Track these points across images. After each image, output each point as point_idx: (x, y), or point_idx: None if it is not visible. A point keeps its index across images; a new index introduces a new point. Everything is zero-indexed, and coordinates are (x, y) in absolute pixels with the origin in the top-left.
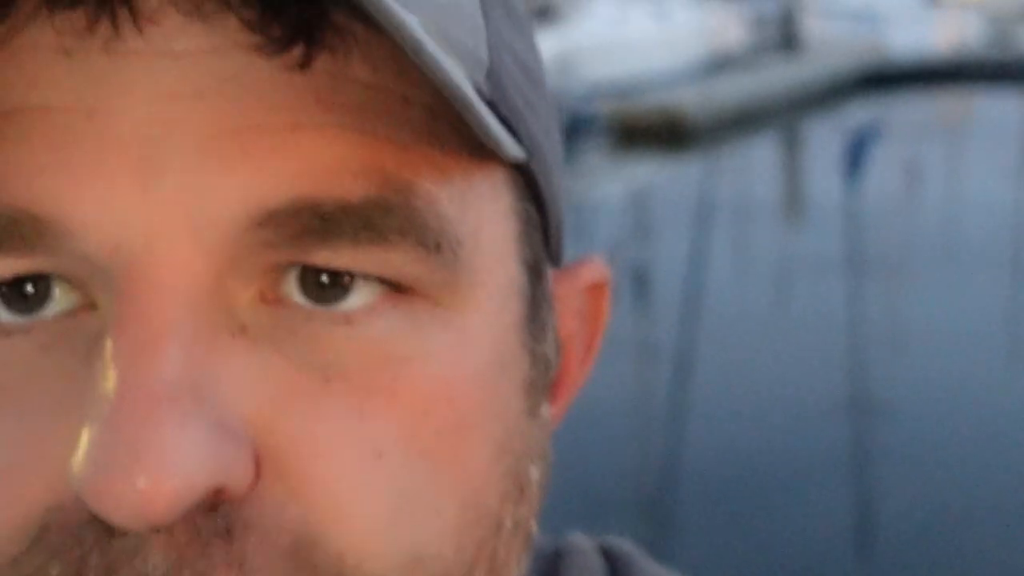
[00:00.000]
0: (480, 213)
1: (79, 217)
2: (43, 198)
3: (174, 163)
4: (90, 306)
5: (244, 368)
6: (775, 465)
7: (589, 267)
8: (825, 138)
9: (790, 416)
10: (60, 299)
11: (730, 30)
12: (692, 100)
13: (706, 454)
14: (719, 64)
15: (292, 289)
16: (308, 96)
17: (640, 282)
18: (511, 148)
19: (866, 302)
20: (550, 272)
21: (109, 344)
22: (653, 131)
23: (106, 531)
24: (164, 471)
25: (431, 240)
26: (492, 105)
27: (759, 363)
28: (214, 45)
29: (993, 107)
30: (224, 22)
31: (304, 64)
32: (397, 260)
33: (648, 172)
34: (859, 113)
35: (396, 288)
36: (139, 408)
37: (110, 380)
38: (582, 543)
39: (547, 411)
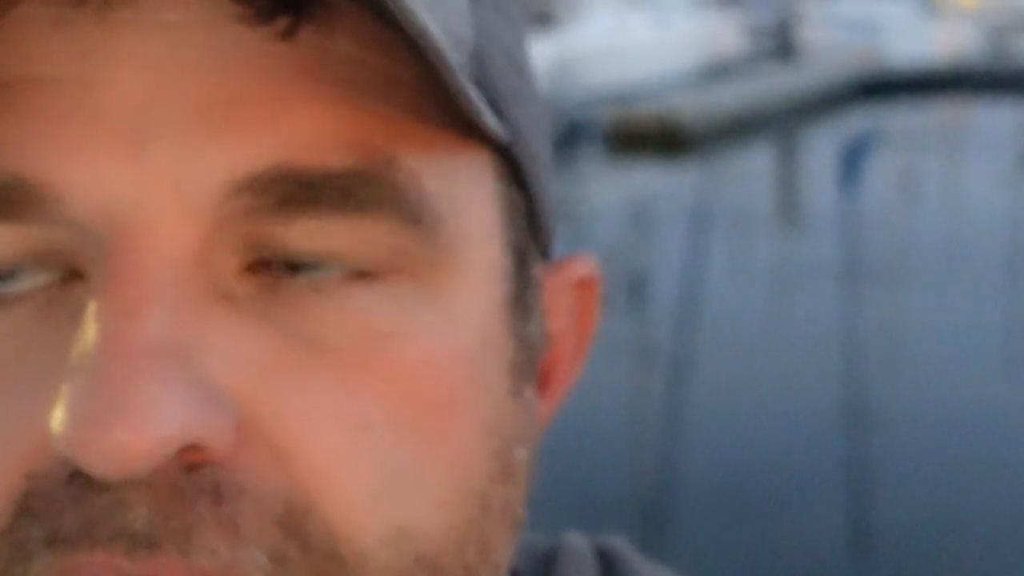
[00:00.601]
0: (464, 193)
1: (69, 183)
2: (35, 165)
3: (162, 131)
4: (79, 276)
5: (230, 335)
6: (771, 473)
7: (578, 263)
8: (822, 146)
9: (786, 424)
10: (34, 270)
11: (728, 38)
12: (689, 107)
13: (702, 461)
14: (716, 71)
15: (280, 260)
16: (293, 67)
17: (637, 288)
18: (494, 126)
19: (863, 310)
20: (537, 261)
21: (93, 306)
22: (650, 138)
23: (86, 487)
24: (141, 422)
25: (412, 213)
26: (477, 85)
27: (755, 370)
28: (202, 16)
29: (990, 116)
30: None
31: (288, 35)
32: (376, 232)
33: (645, 178)
34: (856, 121)
35: (380, 263)
36: (120, 363)
37: (92, 339)
38: (577, 542)
39: (532, 395)
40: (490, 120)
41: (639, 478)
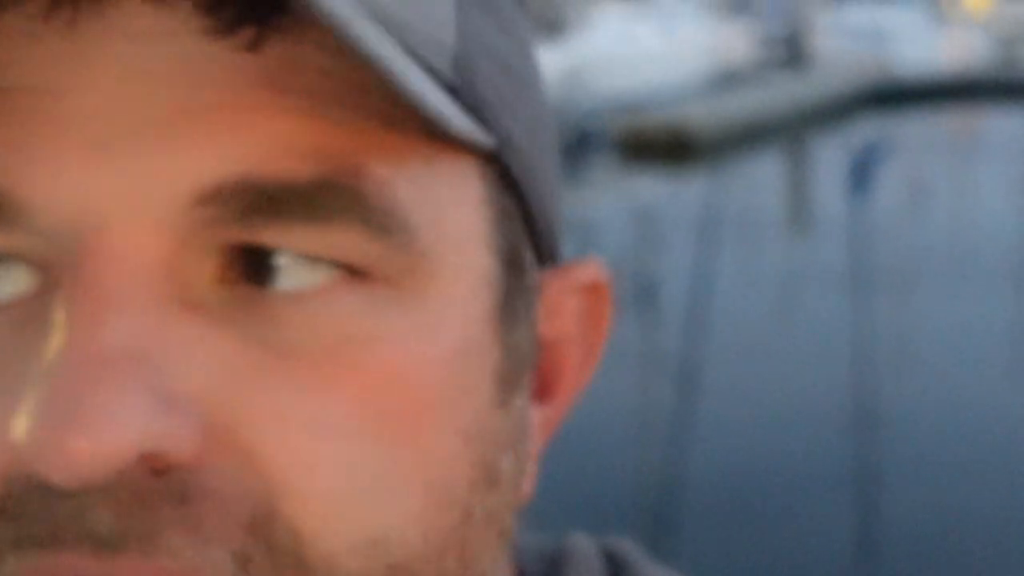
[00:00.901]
0: (443, 200)
1: (38, 194)
2: (6, 175)
3: (127, 141)
4: (56, 285)
5: (196, 343)
6: (778, 477)
7: (585, 268)
8: (832, 155)
9: (794, 429)
10: (16, 280)
11: (737, 46)
12: (699, 115)
13: (710, 466)
14: (726, 80)
15: (251, 268)
16: (258, 78)
17: (646, 296)
18: (470, 132)
19: (872, 318)
20: (533, 267)
21: (59, 315)
22: (660, 146)
23: (53, 492)
24: (96, 429)
25: (379, 222)
26: (454, 91)
27: (764, 377)
28: (169, 27)
29: (1000, 124)
30: (179, 5)
31: (254, 46)
32: (344, 241)
33: (654, 186)
34: (866, 130)
35: (353, 271)
36: (77, 371)
37: (56, 348)
38: (583, 544)
39: (524, 403)
40: (461, 125)
41: (647, 483)
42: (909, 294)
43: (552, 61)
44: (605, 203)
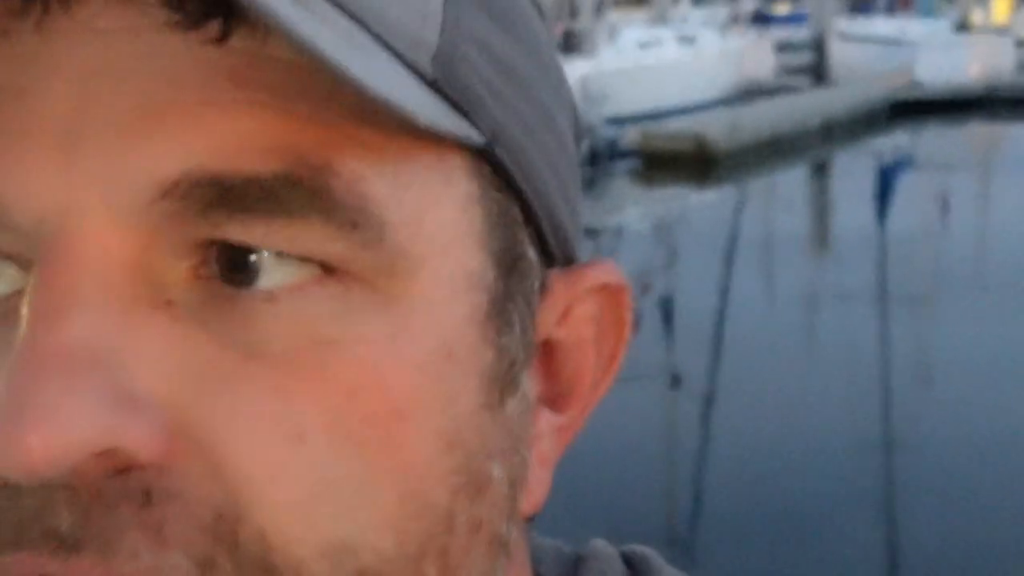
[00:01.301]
0: (424, 197)
1: (11, 192)
2: None
3: (92, 139)
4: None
5: (163, 341)
6: (801, 499)
7: (596, 268)
8: (855, 168)
9: (817, 450)
10: (7, 277)
11: (760, 58)
12: (720, 128)
13: (731, 487)
14: (748, 92)
15: (223, 266)
16: (223, 72)
17: (666, 311)
18: (434, 122)
19: (895, 334)
20: (537, 269)
21: (24, 311)
22: (681, 159)
23: (15, 492)
24: (46, 426)
25: (345, 218)
26: (436, 86)
27: (786, 395)
28: (134, 23)
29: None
30: (144, 1)
31: (219, 40)
32: (308, 237)
33: (676, 200)
34: (889, 143)
35: (327, 270)
36: (32, 368)
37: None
38: (604, 549)
39: (519, 408)
40: (435, 120)
41: (669, 504)
42: (933, 309)
43: (573, 73)
44: (625, 216)
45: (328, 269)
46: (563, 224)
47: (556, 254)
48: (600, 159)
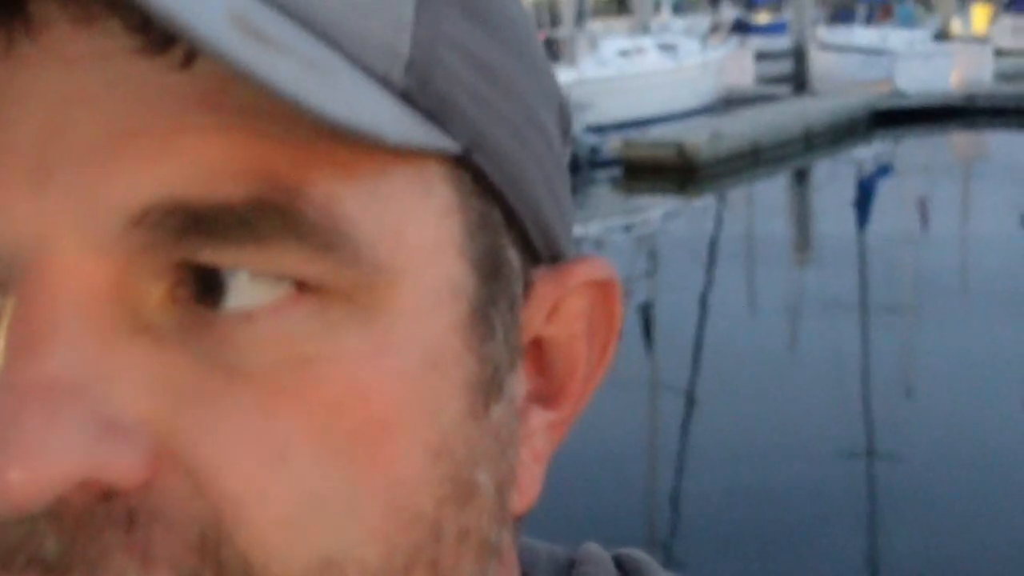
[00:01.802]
0: (402, 211)
1: None
2: None
3: (63, 167)
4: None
5: (143, 366)
6: (783, 508)
7: (585, 264)
8: (835, 176)
9: (799, 459)
10: None
11: (740, 66)
12: (701, 136)
13: (713, 496)
14: (729, 100)
15: (200, 289)
16: (191, 97)
17: (648, 320)
18: (401, 136)
19: (876, 342)
20: (520, 271)
21: (1, 343)
22: (662, 167)
23: (3, 521)
24: (27, 461)
25: (319, 240)
26: (409, 98)
27: (767, 404)
28: (101, 49)
29: (1005, 145)
30: (110, 26)
31: (185, 64)
32: (282, 260)
33: (657, 208)
34: (869, 151)
35: (303, 288)
36: (11, 401)
37: None
38: (597, 552)
39: (505, 413)
40: (402, 134)
41: (650, 513)
42: (914, 317)
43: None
44: (608, 225)
45: (304, 287)
46: (550, 223)
47: (542, 253)
48: (581, 168)
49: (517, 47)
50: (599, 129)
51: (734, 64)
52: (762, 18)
